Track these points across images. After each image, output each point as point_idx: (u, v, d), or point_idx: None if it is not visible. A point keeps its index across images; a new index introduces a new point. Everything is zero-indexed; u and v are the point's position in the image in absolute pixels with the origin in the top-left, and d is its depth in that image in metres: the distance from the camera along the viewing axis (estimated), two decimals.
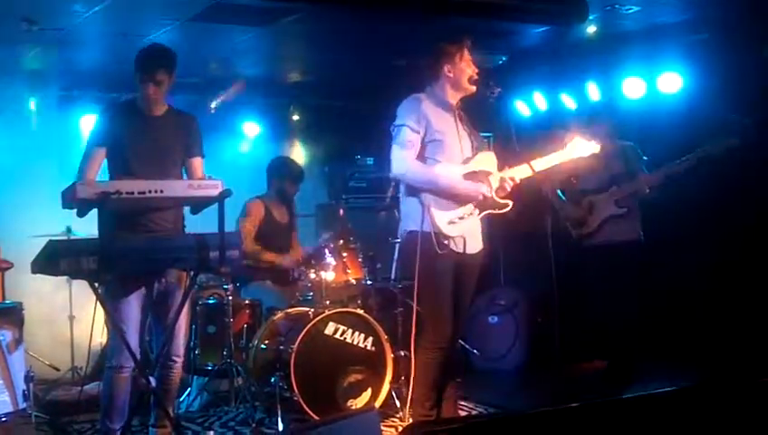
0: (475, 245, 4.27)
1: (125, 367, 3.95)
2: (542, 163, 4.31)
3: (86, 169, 4.01)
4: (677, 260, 5.98)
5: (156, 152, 4.09)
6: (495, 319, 6.53)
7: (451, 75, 4.20)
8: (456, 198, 4.15)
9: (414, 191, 4.16)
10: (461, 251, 4.19)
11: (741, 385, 2.39)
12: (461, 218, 4.16)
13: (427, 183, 4.13)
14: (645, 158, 5.58)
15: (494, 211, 4.26)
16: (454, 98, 4.26)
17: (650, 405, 2.29)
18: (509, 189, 4.20)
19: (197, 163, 4.21)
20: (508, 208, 4.25)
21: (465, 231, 4.20)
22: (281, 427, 4.69)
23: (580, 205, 5.66)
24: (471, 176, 4.20)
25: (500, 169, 4.28)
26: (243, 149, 7.63)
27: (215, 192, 3.72)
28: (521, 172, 4.23)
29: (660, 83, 6.14)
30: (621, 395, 3.58)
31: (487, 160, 4.28)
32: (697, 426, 2.26)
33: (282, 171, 6.07)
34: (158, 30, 5.47)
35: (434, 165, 4.17)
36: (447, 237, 4.13)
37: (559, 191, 5.76)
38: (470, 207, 4.20)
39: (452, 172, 4.17)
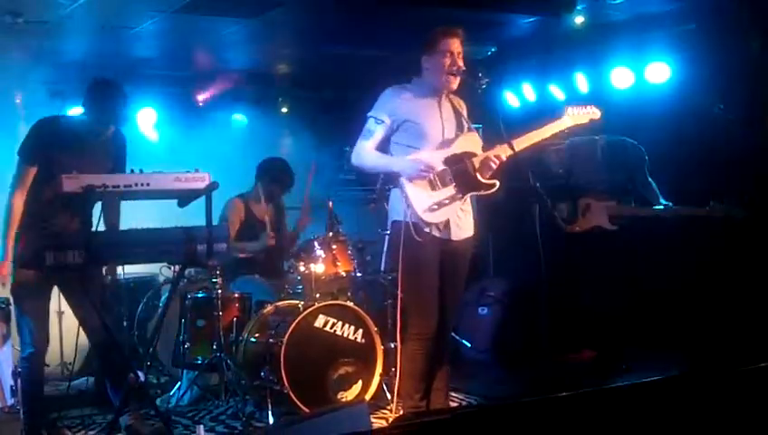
0: (461, 232, 4.23)
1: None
2: (526, 139, 4.24)
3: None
4: (665, 249, 5.99)
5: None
6: (485, 310, 6.53)
7: (428, 68, 4.20)
8: (423, 183, 4.11)
9: (395, 182, 4.16)
10: (446, 238, 4.17)
11: (729, 374, 2.39)
12: (441, 204, 4.13)
13: (374, 167, 4.25)
14: (646, 158, 5.57)
15: (479, 192, 4.23)
16: (440, 87, 4.23)
17: (639, 394, 2.29)
18: (494, 167, 4.15)
19: None
20: (495, 189, 4.20)
21: (448, 217, 4.17)
22: (271, 420, 4.68)
23: (577, 204, 5.63)
24: (453, 158, 4.17)
25: None
26: (231, 142, 7.60)
27: (201, 185, 3.72)
28: (505, 151, 4.17)
29: (648, 73, 6.15)
30: (611, 385, 3.58)
31: (470, 142, 4.24)
32: (686, 415, 2.26)
33: (274, 176, 5.97)
34: (145, 22, 5.44)
35: (409, 152, 4.16)
36: (428, 224, 4.11)
37: None
38: (451, 190, 4.16)
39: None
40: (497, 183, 4.20)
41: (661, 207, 5.50)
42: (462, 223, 4.24)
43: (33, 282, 4.06)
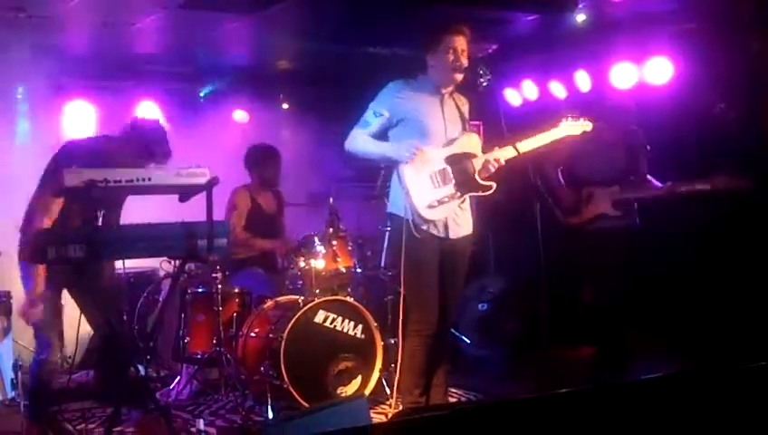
0: (459, 230, 4.25)
1: None
2: (528, 144, 4.30)
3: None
4: (666, 246, 5.99)
5: None
6: (485, 307, 6.54)
7: (432, 65, 4.22)
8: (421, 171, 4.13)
9: (397, 177, 4.18)
10: (443, 236, 4.19)
11: (729, 372, 2.40)
12: (441, 201, 4.16)
13: (366, 152, 4.22)
14: (648, 147, 5.55)
15: (477, 193, 4.26)
16: (443, 84, 4.26)
17: (639, 392, 2.30)
18: (493, 170, 4.20)
19: None
20: (492, 190, 4.24)
21: (446, 215, 4.19)
22: (270, 414, 4.70)
23: (580, 193, 5.62)
24: (453, 158, 4.20)
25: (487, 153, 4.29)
26: (232, 138, 7.60)
27: (202, 180, 3.72)
28: (506, 153, 4.22)
29: (650, 72, 6.15)
30: (611, 382, 3.60)
31: (471, 143, 4.28)
32: (686, 413, 2.27)
33: (254, 158, 6.08)
34: (147, 17, 5.44)
35: None
36: (426, 221, 4.13)
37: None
38: (451, 189, 4.19)
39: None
40: (494, 185, 4.24)
41: (662, 186, 5.46)
42: (460, 221, 4.27)
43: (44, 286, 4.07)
